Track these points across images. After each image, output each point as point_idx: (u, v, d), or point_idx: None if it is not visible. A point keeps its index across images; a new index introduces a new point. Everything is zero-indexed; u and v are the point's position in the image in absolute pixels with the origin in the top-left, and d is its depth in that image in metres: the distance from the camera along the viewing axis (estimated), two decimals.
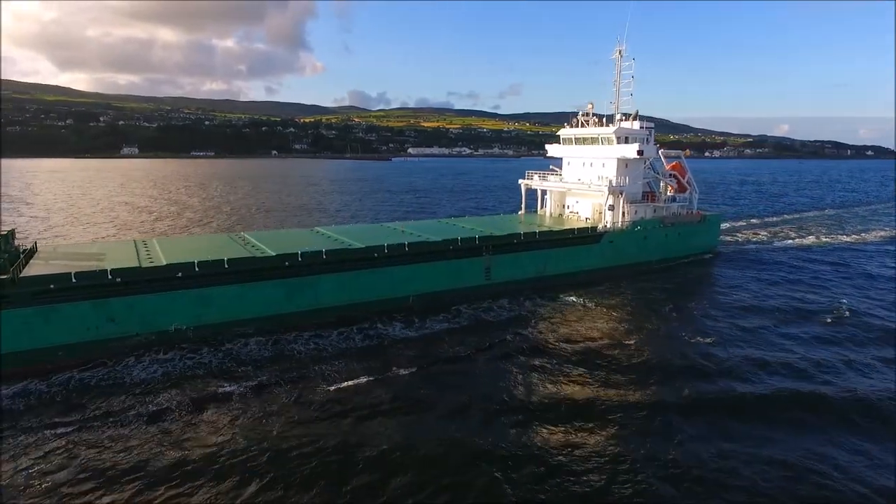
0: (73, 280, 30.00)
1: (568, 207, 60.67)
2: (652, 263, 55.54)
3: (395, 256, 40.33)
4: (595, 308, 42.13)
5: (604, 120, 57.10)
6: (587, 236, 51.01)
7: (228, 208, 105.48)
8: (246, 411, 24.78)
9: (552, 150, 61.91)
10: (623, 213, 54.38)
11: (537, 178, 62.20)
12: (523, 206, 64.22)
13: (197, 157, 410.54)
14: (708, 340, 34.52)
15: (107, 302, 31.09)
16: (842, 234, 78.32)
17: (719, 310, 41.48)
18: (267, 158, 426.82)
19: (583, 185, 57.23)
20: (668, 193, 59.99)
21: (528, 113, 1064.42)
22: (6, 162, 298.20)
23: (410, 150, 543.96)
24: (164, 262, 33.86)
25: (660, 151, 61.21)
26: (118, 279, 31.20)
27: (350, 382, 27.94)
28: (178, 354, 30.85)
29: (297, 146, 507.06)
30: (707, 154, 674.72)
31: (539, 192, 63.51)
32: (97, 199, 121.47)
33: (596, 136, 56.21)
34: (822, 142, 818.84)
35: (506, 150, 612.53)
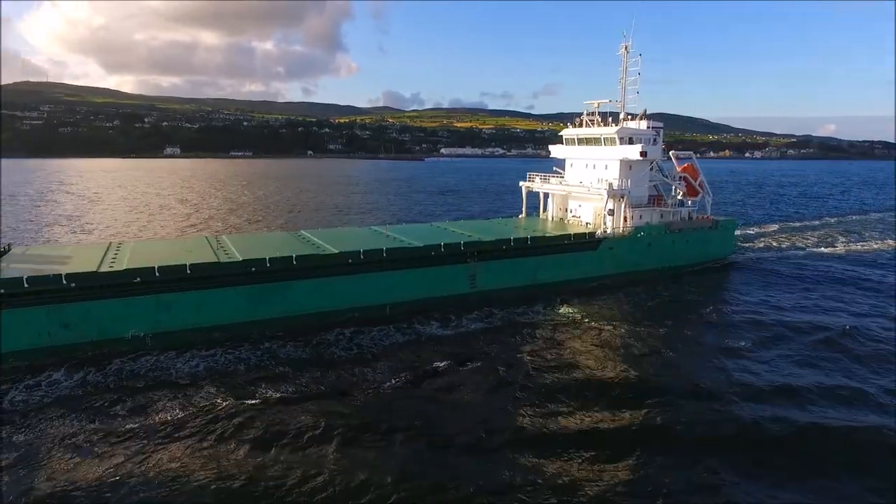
0: (26, 285, 29.37)
1: (570, 211, 58.18)
2: (657, 272, 52.51)
3: (371, 263, 38.75)
4: (586, 321, 39.30)
5: (609, 119, 54.57)
6: (584, 242, 48.28)
7: (282, 207, 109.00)
8: (283, 410, 25.48)
9: (555, 151, 59.64)
10: (625, 217, 51.84)
11: (539, 181, 59.78)
12: (524, 209, 62.34)
13: (236, 157, 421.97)
14: (708, 362, 31.67)
15: (62, 307, 30.47)
16: (886, 241, 73.45)
17: (723, 327, 38.06)
18: (302, 158, 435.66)
19: (582, 188, 54.84)
20: (679, 197, 57.01)
21: (563, 113, 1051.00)
22: (62, 162, 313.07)
23: (443, 151, 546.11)
24: (125, 267, 32.84)
25: (671, 153, 58.90)
26: (73, 284, 30.49)
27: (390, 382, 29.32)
28: (220, 350, 31.98)
29: (332, 146, 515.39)
30: (748, 154, 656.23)
31: (541, 196, 61.04)
32: (168, 196, 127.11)
33: (598, 136, 53.52)
34: (872, 142, 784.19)
35: (539, 151, 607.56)
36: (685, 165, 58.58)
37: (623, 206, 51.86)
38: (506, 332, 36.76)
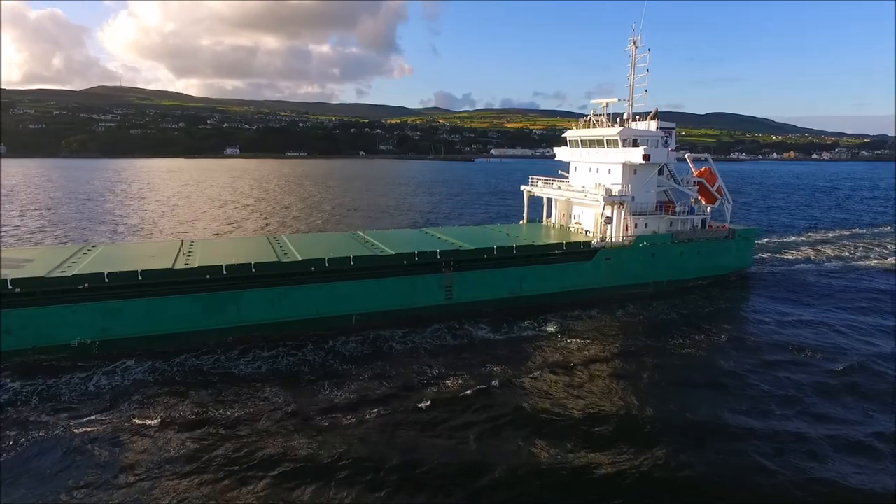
0: None
1: (574, 218, 54.81)
2: (662, 285, 48.95)
3: (337, 271, 37.13)
4: (569, 340, 36.21)
5: (618, 119, 51.33)
6: (577, 252, 45.16)
7: (348, 207, 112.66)
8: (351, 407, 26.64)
9: (560, 153, 56.43)
10: (627, 225, 48.59)
11: (541, 185, 56.77)
12: (525, 215, 59.09)
13: (291, 158, 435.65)
14: (701, 397, 28.53)
15: (5, 313, 30.22)
16: None
17: (725, 351, 34.61)
18: (354, 159, 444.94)
19: (579, 192, 51.64)
20: (692, 204, 53.20)
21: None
22: (134, 161, 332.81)
23: (493, 152, 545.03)
24: (75, 273, 32.41)
25: (686, 156, 55.86)
26: (18, 289, 30.16)
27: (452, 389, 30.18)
28: (282, 351, 33.28)
29: (383, 147, 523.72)
30: (815, 156, 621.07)
31: (545, 201, 58.06)
32: (252, 194, 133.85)
33: (601, 138, 50.14)
34: None
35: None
36: (702, 169, 54.91)
37: (623, 213, 48.70)
38: (469, 350, 34.09)
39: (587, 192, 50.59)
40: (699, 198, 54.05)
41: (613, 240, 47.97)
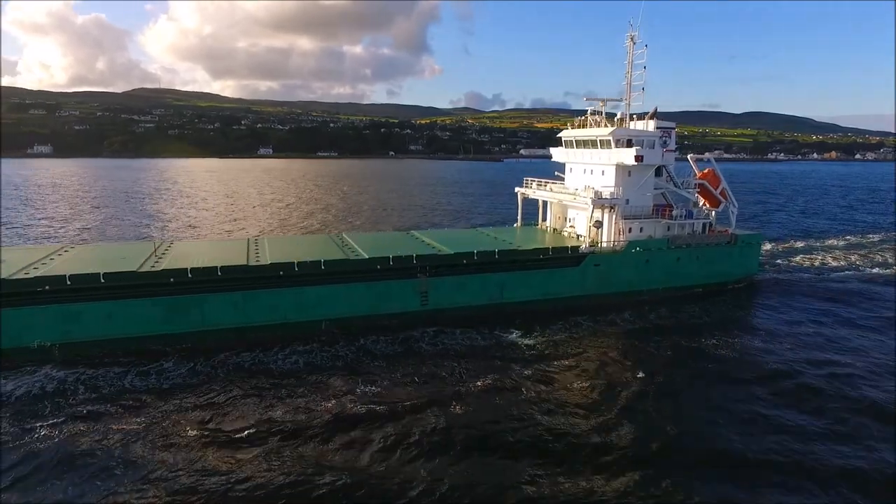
0: None
1: (569, 221, 52.70)
2: (657, 293, 46.83)
3: (307, 275, 36.36)
4: (543, 351, 34.38)
5: (615, 119, 49.49)
6: (564, 258, 43.32)
7: (394, 205, 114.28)
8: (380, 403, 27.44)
9: (555, 154, 54.42)
10: (621, 230, 46.72)
11: (535, 187, 54.74)
12: (519, 218, 56.90)
13: (322, 158, 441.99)
14: (696, 421, 26.23)
15: None
16: None
17: (713, 371, 32.15)
18: (384, 159, 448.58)
19: (570, 195, 49.61)
20: (692, 207, 51.02)
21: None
22: (173, 161, 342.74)
23: (522, 152, 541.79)
24: (38, 275, 32.29)
25: (689, 157, 54.02)
26: None
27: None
28: (317, 347, 34.42)
29: (413, 147, 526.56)
30: (857, 156, 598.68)
31: (540, 204, 56.12)
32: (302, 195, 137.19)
33: (594, 138, 48.14)
34: None
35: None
36: (705, 171, 52.55)
37: (615, 217, 46.75)
38: (435, 360, 32.86)
39: (577, 195, 48.75)
40: (702, 201, 52.16)
41: (604, 245, 46.11)
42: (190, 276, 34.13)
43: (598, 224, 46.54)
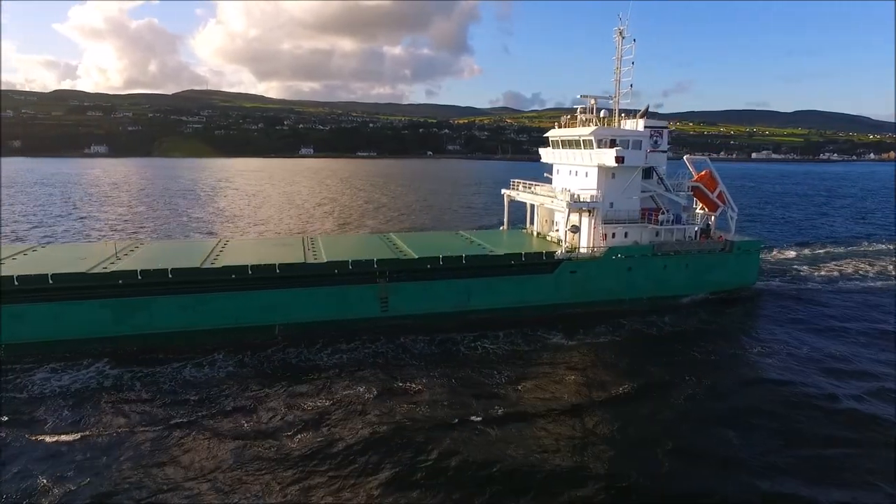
0: None
1: (555, 225, 50.23)
2: (641, 302, 44.30)
3: (261, 279, 35.77)
4: (499, 365, 32.79)
5: (605, 119, 47.24)
6: (536, 264, 41.45)
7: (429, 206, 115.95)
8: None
9: (544, 154, 52.19)
10: (604, 235, 44.43)
11: (521, 188, 52.66)
12: (506, 221, 55.37)
13: (361, 157, 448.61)
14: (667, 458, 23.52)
15: None
16: None
17: (692, 396, 29.38)
18: (422, 159, 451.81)
19: (548, 197, 47.54)
20: (687, 210, 48.47)
21: (692, 112, 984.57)
22: (219, 161, 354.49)
23: None
24: None
25: (685, 158, 51.47)
26: None
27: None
28: (358, 344, 35.47)
29: (450, 147, 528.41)
30: None
31: (528, 207, 53.59)
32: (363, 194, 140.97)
33: (577, 138, 45.67)
34: None
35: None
36: (702, 173, 49.77)
37: (594, 221, 44.47)
38: (385, 368, 32.18)
39: (554, 198, 46.75)
40: (699, 205, 49.87)
41: (583, 251, 43.99)
42: (140, 277, 33.96)
43: (575, 229, 44.47)
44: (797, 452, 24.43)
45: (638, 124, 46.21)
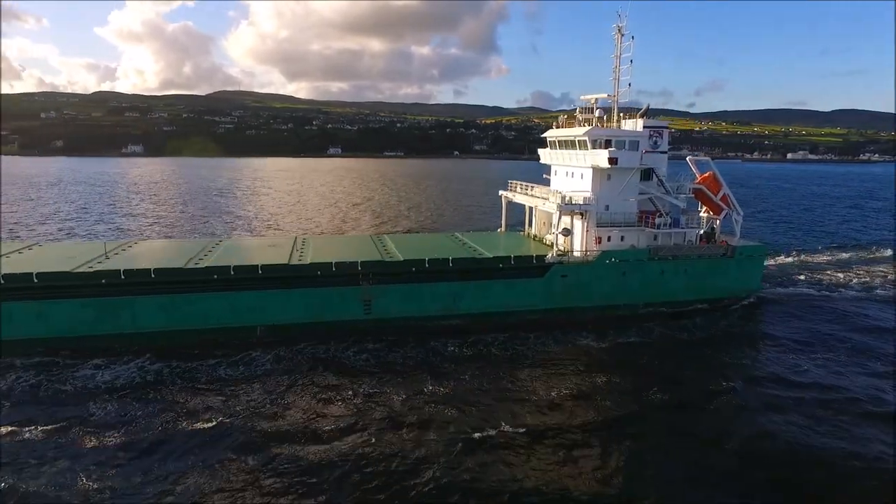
0: None
1: (554, 228, 49.46)
2: (636, 308, 43.07)
3: (243, 280, 35.96)
4: (474, 373, 32.06)
5: (600, 119, 45.78)
6: (526, 267, 40.48)
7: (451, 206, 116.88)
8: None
9: (543, 155, 51.00)
10: (598, 238, 43.25)
11: (518, 190, 51.47)
12: (503, 223, 54.98)
13: (388, 157, 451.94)
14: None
15: None
16: None
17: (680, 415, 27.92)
18: (449, 159, 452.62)
19: (540, 199, 46.61)
20: (686, 213, 46.63)
21: (726, 111, 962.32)
22: (251, 161, 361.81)
23: None
24: None
25: (688, 159, 49.86)
26: None
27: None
28: (385, 345, 35.85)
29: (477, 147, 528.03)
30: None
31: (527, 209, 52.40)
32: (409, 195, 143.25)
33: (571, 138, 44.74)
34: None
35: (696, 153, 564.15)
36: (705, 175, 47.61)
37: (587, 224, 43.27)
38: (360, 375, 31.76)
39: (545, 200, 45.77)
40: (704, 208, 48.36)
41: (577, 254, 43.02)
42: (123, 277, 34.49)
43: (567, 232, 43.58)
44: None
45: (637, 124, 44.95)
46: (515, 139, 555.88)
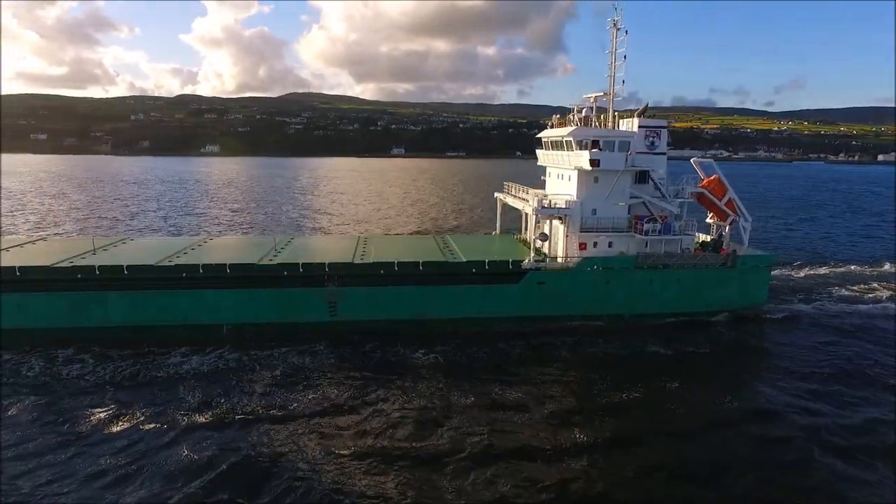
0: None
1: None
2: (622, 319, 40.59)
3: (211, 278, 36.65)
4: (435, 383, 31.12)
5: (601, 119, 43.75)
6: (500, 273, 38.84)
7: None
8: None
9: (540, 156, 49.02)
10: (581, 244, 41.13)
11: (512, 192, 49.91)
12: (498, 225, 53.96)
13: (450, 157, 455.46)
14: None
15: None
16: None
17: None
18: (510, 159, 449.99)
19: (522, 201, 44.95)
20: (679, 219, 43.24)
21: (807, 110, 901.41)
22: (323, 161, 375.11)
23: None
24: None
25: (692, 161, 46.82)
26: None
27: None
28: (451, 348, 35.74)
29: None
30: None
31: (523, 212, 49.44)
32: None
33: (559, 139, 42.70)
34: None
35: (774, 154, 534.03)
36: (709, 178, 44.51)
37: (568, 228, 41.23)
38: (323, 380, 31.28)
39: (525, 203, 43.94)
40: (711, 214, 45.68)
41: (559, 260, 41.29)
42: (98, 273, 36.06)
43: (544, 237, 41.87)
44: None
45: (633, 124, 42.63)
46: None
